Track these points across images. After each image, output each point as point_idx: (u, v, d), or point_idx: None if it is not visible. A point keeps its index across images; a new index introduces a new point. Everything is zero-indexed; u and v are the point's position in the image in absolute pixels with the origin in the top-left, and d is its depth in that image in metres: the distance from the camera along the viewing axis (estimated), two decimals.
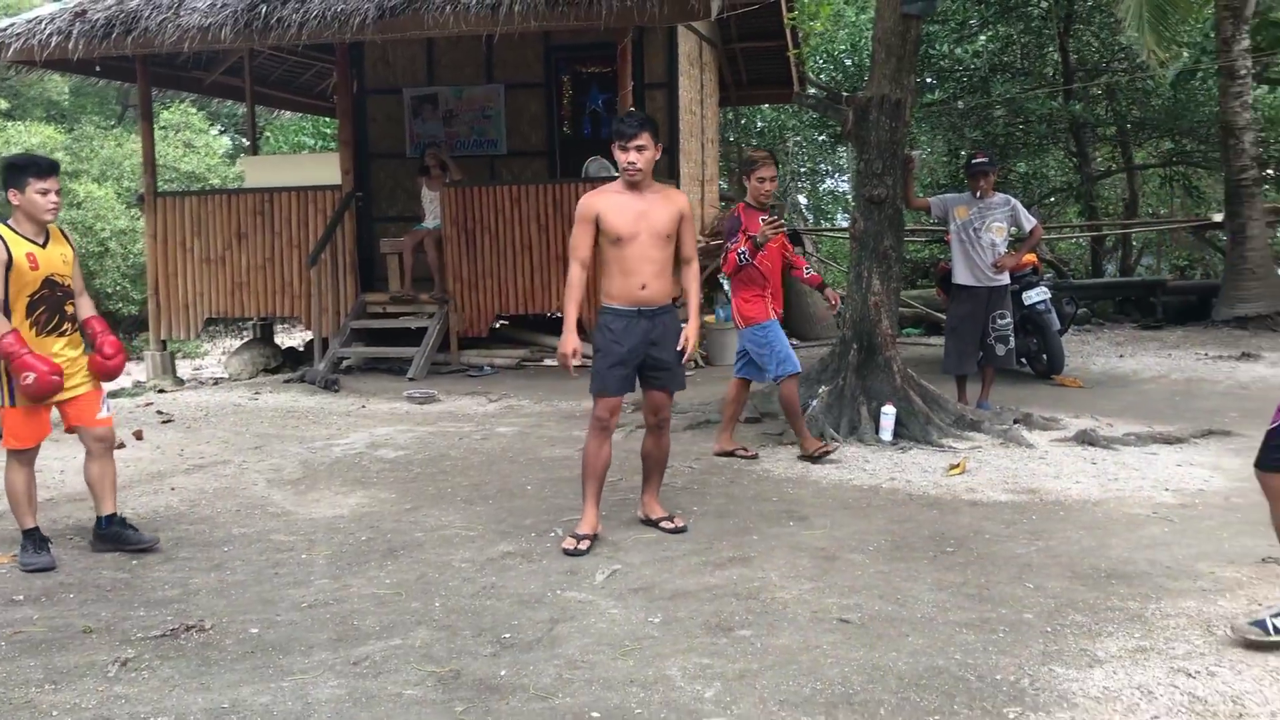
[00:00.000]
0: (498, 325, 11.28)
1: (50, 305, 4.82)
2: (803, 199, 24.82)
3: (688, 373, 5.49)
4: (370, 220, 11.99)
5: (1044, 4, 17.87)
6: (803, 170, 22.82)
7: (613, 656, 3.73)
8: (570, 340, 5.00)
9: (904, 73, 7.28)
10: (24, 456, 4.92)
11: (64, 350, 4.90)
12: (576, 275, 5.04)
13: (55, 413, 5.07)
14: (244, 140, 31.19)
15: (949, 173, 18.93)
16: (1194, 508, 5.45)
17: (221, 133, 30.43)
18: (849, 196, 26.09)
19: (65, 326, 4.89)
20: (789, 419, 6.74)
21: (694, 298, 5.18)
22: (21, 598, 4.47)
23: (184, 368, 15.24)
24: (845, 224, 24.36)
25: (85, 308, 5.10)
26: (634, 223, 4.95)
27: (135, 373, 12.90)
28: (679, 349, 5.06)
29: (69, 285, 4.91)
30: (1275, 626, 3.59)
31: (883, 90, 7.26)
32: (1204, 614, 3.96)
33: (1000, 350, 7.97)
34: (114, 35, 9.54)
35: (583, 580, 4.54)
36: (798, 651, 3.72)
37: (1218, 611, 3.97)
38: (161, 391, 10.09)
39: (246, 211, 11.07)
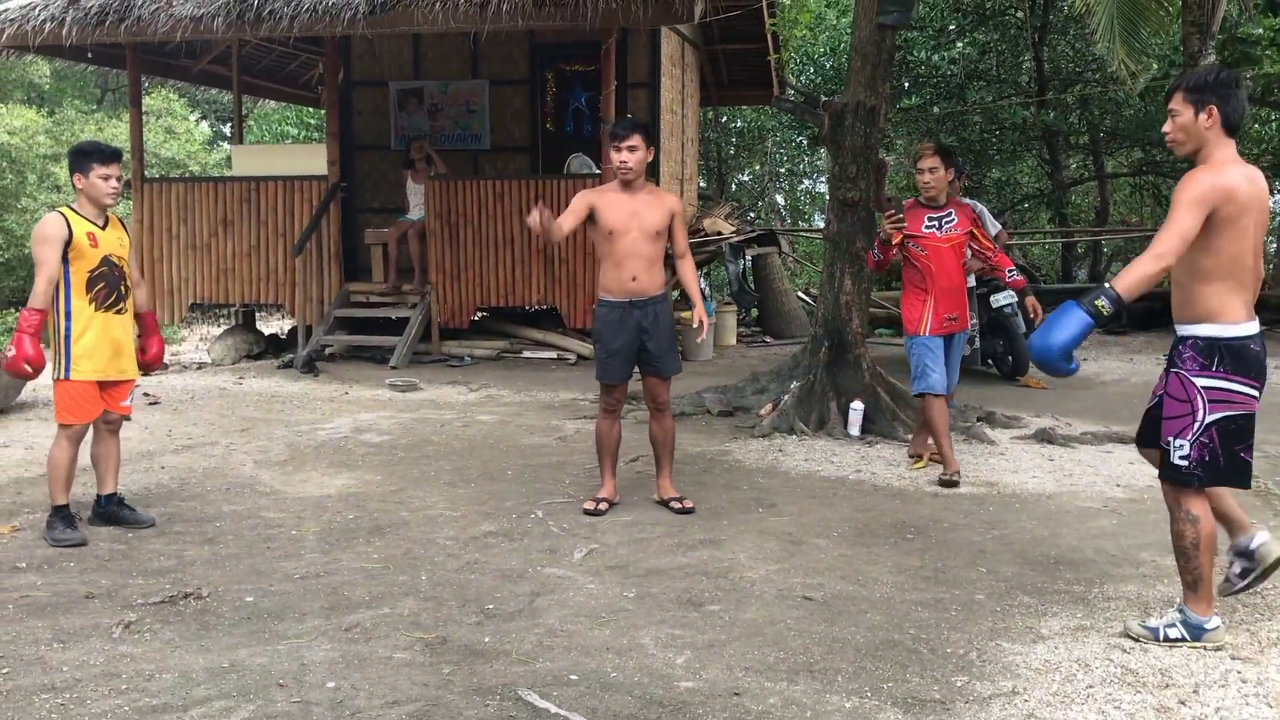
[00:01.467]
0: (477, 317, 11.48)
1: (108, 282, 5.04)
2: (780, 199, 25.10)
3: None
4: (353, 211, 12.16)
5: (1020, 14, 18.23)
6: (781, 171, 23.09)
7: (590, 626, 3.97)
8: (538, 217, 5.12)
9: (879, 80, 7.54)
10: (74, 433, 5.06)
11: (122, 335, 5.14)
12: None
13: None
14: (223, 127, 31.25)
15: None
16: (1142, 502, 5.73)
17: (201, 119, 30.43)
18: (826, 197, 26.44)
19: (122, 305, 5.11)
20: (931, 435, 6.28)
21: (693, 287, 5.68)
22: (24, 565, 4.67)
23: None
24: (821, 225, 24.69)
25: (143, 299, 5.35)
26: (626, 220, 5.36)
27: None
28: (673, 337, 5.57)
29: (125, 269, 5.14)
30: (1166, 635, 3.74)
31: (858, 96, 7.52)
32: (1142, 597, 4.24)
33: (966, 350, 8.24)
34: (107, 23, 9.68)
35: (562, 558, 4.78)
36: (763, 625, 3.98)
37: (1155, 595, 4.26)
38: (146, 375, 10.23)
39: (233, 199, 11.23)
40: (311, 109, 19.37)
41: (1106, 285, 3.55)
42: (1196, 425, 3.63)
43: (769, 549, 4.90)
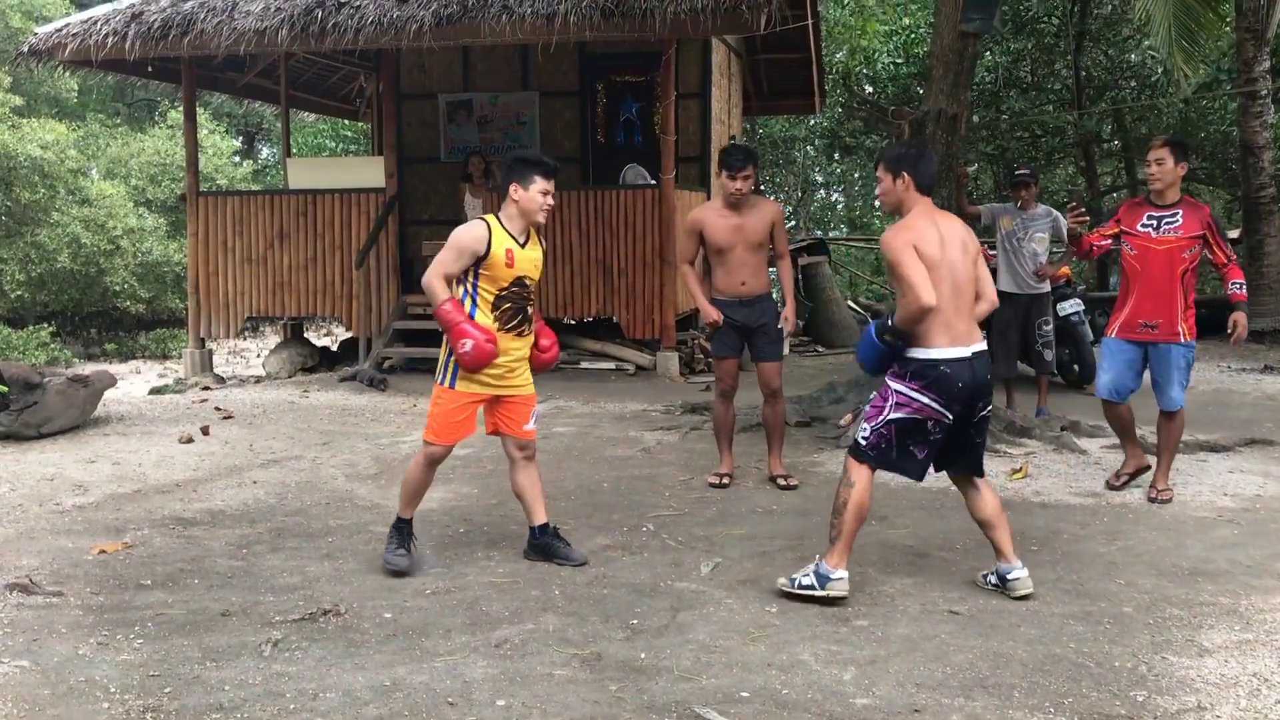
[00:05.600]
0: None
1: (515, 304, 4.71)
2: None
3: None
4: (403, 223, 12.13)
5: (1055, 21, 18.22)
6: (817, 181, 23.09)
7: (743, 642, 3.92)
8: (710, 311, 6.13)
9: (960, 88, 7.51)
10: (436, 455, 4.77)
11: (519, 355, 4.79)
12: (688, 271, 6.25)
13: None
14: (234, 140, 31.20)
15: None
16: (1256, 512, 5.67)
17: (226, 133, 30.47)
18: (839, 207, 26.36)
19: (524, 328, 4.77)
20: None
21: (787, 284, 6.41)
22: (149, 582, 4.63)
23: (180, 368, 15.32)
24: (838, 234, 24.62)
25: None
26: (731, 235, 6.00)
27: (173, 370, 12.99)
28: (779, 328, 6.20)
29: (533, 288, 4.83)
30: (800, 583, 4.32)
31: (940, 105, 7.48)
32: None
33: (1048, 356, 8.24)
34: (170, 37, 9.67)
35: (689, 572, 4.72)
36: (919, 640, 3.92)
37: None
38: (206, 389, 10.22)
39: (289, 212, 11.21)
40: (347, 120, 19.39)
41: (889, 319, 4.27)
42: (881, 419, 4.29)
43: (896, 562, 4.85)
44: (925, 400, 4.22)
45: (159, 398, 9.96)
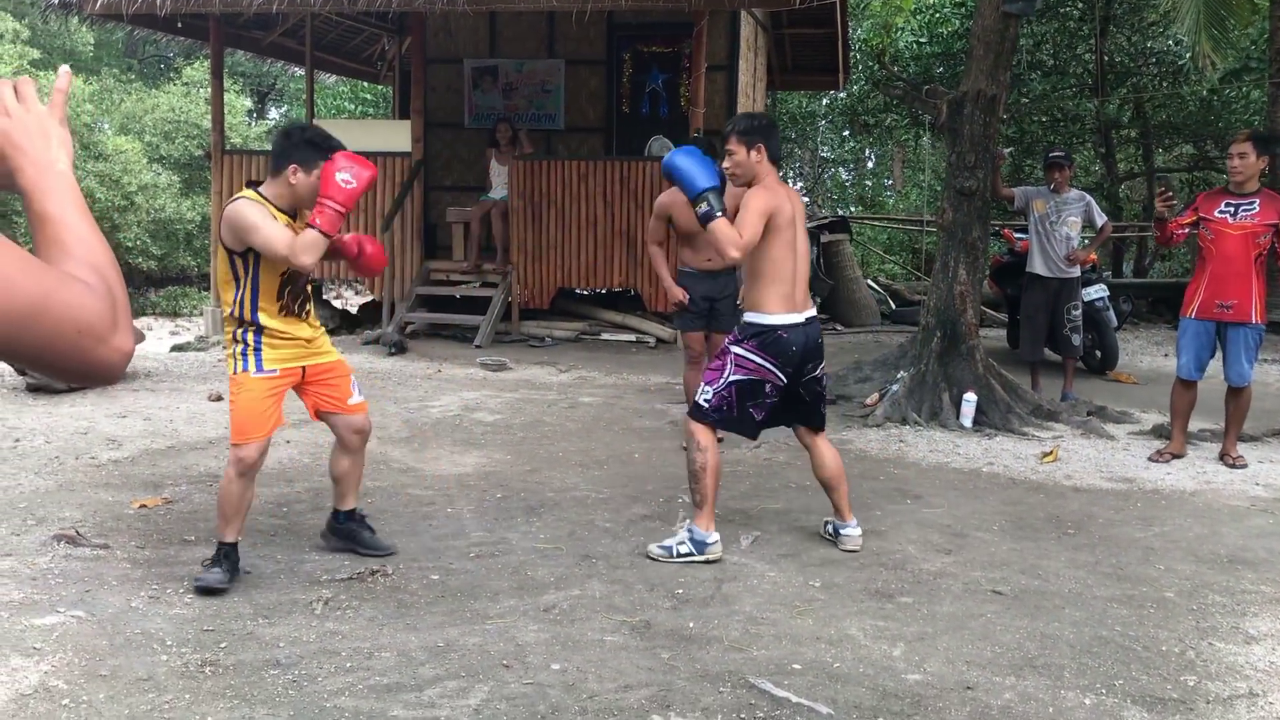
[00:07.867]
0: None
1: (296, 285, 4.23)
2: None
3: None
4: (426, 188, 12.09)
5: (1080, 5, 18.09)
6: (830, 158, 23.00)
7: (790, 615, 3.94)
8: (675, 291, 6.46)
9: (1000, 69, 7.46)
10: (249, 459, 4.06)
11: (308, 329, 4.29)
12: (655, 251, 6.62)
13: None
14: (247, 101, 31.06)
15: None
16: None
17: (240, 92, 30.35)
18: (849, 185, 26.17)
19: (308, 310, 4.29)
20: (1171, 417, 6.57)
21: None
22: (193, 538, 4.66)
23: (192, 326, 15.26)
24: (847, 213, 24.52)
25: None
26: (696, 222, 6.04)
27: (185, 328, 12.97)
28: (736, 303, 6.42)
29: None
30: (679, 551, 4.46)
31: (979, 85, 7.44)
32: None
33: (1075, 340, 8.23)
34: None
35: (729, 544, 4.73)
36: (965, 618, 3.95)
37: None
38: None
39: None
40: (366, 83, 19.29)
41: (717, 211, 4.30)
42: (722, 380, 4.48)
43: (934, 541, 4.87)
44: (761, 361, 4.46)
45: (183, 355, 9.96)
